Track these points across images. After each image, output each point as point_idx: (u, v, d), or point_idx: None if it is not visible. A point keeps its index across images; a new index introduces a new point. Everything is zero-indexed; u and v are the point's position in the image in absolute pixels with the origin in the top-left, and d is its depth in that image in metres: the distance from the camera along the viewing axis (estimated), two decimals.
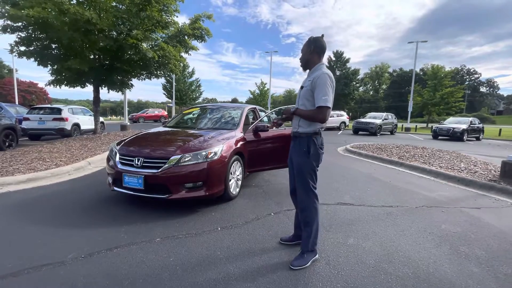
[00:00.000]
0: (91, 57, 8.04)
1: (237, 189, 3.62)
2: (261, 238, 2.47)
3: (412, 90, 22.99)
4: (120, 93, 10.18)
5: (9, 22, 6.80)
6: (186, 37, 9.77)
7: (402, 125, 23.95)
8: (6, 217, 2.82)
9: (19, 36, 7.28)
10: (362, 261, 2.10)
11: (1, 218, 2.81)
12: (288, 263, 2.03)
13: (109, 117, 41.44)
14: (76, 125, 10.60)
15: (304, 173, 2.02)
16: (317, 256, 2.10)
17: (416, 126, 23.86)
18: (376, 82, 72.68)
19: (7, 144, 7.21)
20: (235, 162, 3.53)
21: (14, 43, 7.24)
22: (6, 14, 6.49)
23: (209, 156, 3.05)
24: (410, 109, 21.96)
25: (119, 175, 3.01)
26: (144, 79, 10.13)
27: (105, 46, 7.63)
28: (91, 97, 9.45)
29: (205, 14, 9.83)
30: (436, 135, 15.60)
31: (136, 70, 9.18)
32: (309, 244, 2.05)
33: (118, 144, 3.43)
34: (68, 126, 10.01)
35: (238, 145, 3.63)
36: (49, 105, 10.82)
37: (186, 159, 2.94)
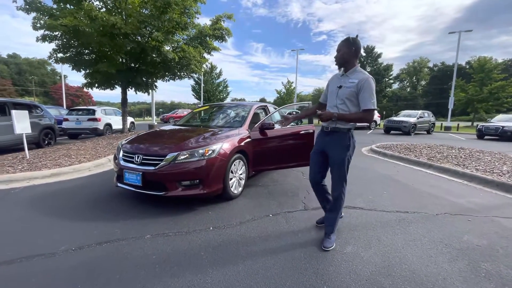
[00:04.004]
0: (118, 60, 8.53)
1: (240, 189, 3.54)
2: (251, 240, 2.35)
3: (453, 85, 20.84)
4: (146, 94, 10.66)
5: (47, 32, 7.50)
6: (208, 38, 9.97)
7: (441, 123, 21.91)
8: (23, 208, 3.06)
9: (57, 44, 8.00)
10: (355, 272, 1.88)
11: (18, 209, 3.05)
12: (272, 268, 1.89)
13: (144, 117, 44.11)
14: (108, 125, 11.43)
15: (344, 164, 2.19)
16: (335, 236, 2.34)
17: (458, 124, 21.62)
18: (414, 78, 67.63)
19: (46, 142, 7.99)
20: (237, 161, 3.45)
21: (52, 51, 7.98)
22: (45, 25, 7.17)
23: (207, 154, 3.00)
24: (450, 106, 19.89)
25: (121, 172, 3.11)
26: (168, 80, 10.52)
27: (130, 50, 8.06)
28: (129, 99, 10.07)
29: (226, 14, 9.92)
30: (481, 134, 13.93)
31: (160, 71, 9.58)
32: (334, 227, 2.30)
33: (124, 141, 3.54)
34: (101, 126, 10.83)
35: (242, 144, 3.55)
36: (85, 107, 11.77)
37: (183, 157, 2.93)
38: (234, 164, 3.39)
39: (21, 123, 4.93)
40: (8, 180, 4.00)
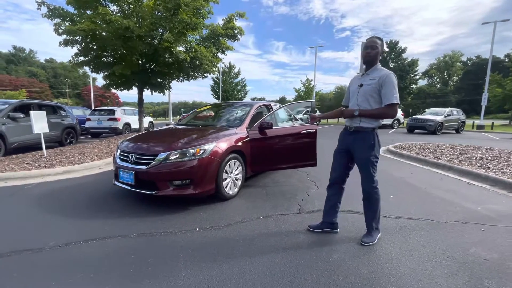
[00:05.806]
0: (133, 62, 8.83)
1: (236, 189, 3.47)
2: (233, 243, 2.28)
3: (487, 80, 19.18)
4: (162, 94, 10.95)
5: (69, 36, 7.94)
6: (221, 38, 10.01)
7: (473, 122, 20.28)
8: (29, 204, 3.22)
9: (78, 48, 8.46)
10: (335, 284, 1.74)
11: (25, 204, 3.23)
12: (248, 274, 1.81)
13: (166, 117, 45.66)
14: (127, 124, 11.92)
15: (371, 165, 2.20)
16: (380, 234, 2.35)
17: (493, 123, 19.86)
18: (445, 74, 63.39)
19: (68, 140, 8.49)
20: (232, 161, 3.39)
21: (74, 55, 8.46)
22: (66, 30, 7.59)
23: (198, 154, 2.97)
24: (484, 103, 18.33)
25: (117, 170, 3.18)
26: (183, 80, 10.72)
27: (144, 51, 8.31)
28: (154, 99, 10.46)
29: (238, 13, 9.88)
30: None
31: (174, 72, 9.78)
32: (374, 224, 2.29)
33: (123, 141, 3.63)
34: (120, 125, 11.31)
35: (238, 143, 3.49)
36: (105, 107, 12.35)
37: (174, 157, 2.92)
38: (229, 165, 3.33)
39: (39, 123, 5.25)
40: (24, 176, 4.27)
